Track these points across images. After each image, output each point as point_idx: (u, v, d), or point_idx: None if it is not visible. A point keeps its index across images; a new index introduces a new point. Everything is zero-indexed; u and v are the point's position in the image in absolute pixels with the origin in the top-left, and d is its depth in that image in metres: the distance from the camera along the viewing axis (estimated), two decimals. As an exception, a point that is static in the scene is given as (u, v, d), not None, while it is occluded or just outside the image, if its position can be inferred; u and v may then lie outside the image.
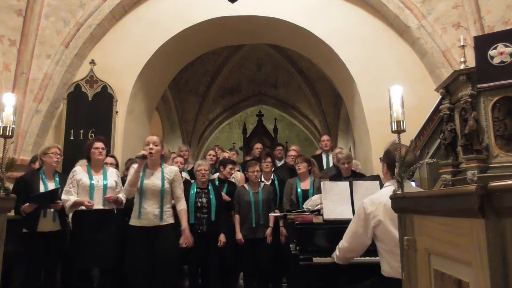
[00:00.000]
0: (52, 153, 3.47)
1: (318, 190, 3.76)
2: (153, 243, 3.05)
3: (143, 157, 3.07)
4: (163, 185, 3.15)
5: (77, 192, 3.24)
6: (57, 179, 3.51)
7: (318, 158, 5.29)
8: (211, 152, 4.99)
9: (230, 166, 4.37)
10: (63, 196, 3.23)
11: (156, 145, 3.17)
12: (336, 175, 4.10)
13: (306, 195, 3.90)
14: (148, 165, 3.22)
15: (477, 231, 0.86)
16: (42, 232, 3.30)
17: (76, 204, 3.18)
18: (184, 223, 3.23)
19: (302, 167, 4.07)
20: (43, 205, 3.30)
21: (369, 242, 2.06)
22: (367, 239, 2.05)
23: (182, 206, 3.24)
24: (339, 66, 5.30)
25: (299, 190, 4.00)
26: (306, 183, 4.05)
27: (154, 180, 3.15)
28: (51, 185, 3.44)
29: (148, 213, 3.09)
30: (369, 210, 2.01)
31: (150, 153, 3.11)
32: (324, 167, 5.09)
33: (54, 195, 3.29)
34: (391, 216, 1.83)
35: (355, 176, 3.98)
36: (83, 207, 3.20)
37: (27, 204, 3.18)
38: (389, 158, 2.10)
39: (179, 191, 3.27)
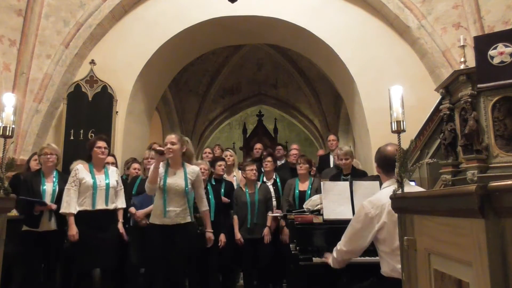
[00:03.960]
0: (43, 154, 3.49)
1: (316, 191, 3.76)
2: (173, 240, 3.06)
3: (160, 152, 3.01)
4: (186, 185, 3.12)
5: (78, 191, 3.24)
6: (55, 178, 3.52)
7: (326, 158, 5.26)
8: (207, 149, 4.96)
9: (219, 162, 4.36)
10: (65, 197, 3.21)
11: (173, 144, 3.13)
12: (336, 175, 4.09)
13: (303, 196, 3.90)
14: (170, 164, 3.19)
15: (477, 231, 0.86)
16: (39, 231, 3.33)
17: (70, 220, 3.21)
18: (209, 225, 3.35)
19: (303, 168, 4.06)
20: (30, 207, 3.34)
21: (367, 245, 2.04)
22: (366, 242, 2.03)
23: (205, 207, 3.31)
24: (339, 66, 5.30)
25: (296, 191, 4.00)
26: (305, 184, 4.04)
27: (177, 180, 3.12)
28: (49, 185, 3.46)
29: (170, 212, 3.07)
30: (373, 214, 1.96)
31: (163, 152, 3.05)
32: (331, 166, 5.08)
33: (39, 205, 3.33)
34: (394, 218, 1.82)
35: (356, 173, 3.97)
36: (86, 207, 3.21)
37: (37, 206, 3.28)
38: (378, 157, 2.10)
39: (201, 191, 3.29)
